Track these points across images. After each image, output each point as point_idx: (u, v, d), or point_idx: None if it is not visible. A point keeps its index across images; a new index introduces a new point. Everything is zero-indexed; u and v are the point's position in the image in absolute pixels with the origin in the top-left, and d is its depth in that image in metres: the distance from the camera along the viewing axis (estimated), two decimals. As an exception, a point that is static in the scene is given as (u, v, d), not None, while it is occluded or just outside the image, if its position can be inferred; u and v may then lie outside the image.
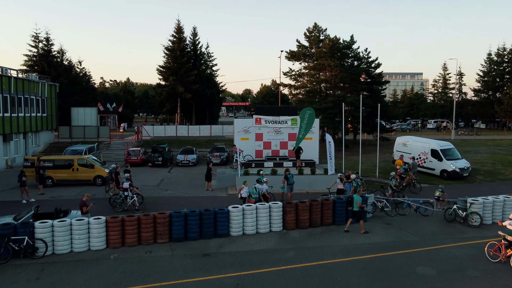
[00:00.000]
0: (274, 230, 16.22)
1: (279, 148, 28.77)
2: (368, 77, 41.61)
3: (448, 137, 51.23)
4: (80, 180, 25.55)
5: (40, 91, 38.49)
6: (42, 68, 60.01)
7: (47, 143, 40.38)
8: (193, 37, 63.06)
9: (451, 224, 17.16)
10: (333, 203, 17.07)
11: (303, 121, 25.30)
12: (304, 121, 25.21)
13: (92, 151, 35.29)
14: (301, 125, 25.42)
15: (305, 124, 25.17)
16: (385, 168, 31.25)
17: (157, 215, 14.81)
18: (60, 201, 21.54)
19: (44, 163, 24.93)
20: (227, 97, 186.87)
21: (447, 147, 28.13)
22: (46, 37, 61.22)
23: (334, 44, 38.63)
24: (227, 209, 15.70)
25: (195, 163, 35.02)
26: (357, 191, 18.93)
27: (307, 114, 25.09)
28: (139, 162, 34.51)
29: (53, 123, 41.54)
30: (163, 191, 24.25)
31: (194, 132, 47.04)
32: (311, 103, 39.74)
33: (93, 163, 25.74)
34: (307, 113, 25.14)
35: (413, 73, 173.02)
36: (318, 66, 38.94)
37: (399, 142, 31.05)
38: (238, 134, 28.02)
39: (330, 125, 38.75)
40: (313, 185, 23.76)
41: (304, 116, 25.18)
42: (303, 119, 25.32)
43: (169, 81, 58.38)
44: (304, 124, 25.23)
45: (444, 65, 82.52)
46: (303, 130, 25.38)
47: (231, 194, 23.01)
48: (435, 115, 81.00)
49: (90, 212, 16.07)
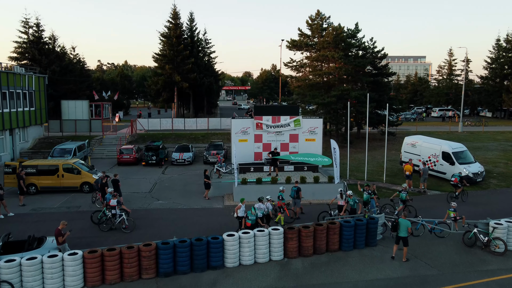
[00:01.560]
0: (274, 259, 14.51)
1: (279, 150, 26.81)
2: (374, 69, 39.41)
3: (454, 128, 49.32)
4: (66, 187, 23.78)
5: (27, 84, 36.38)
6: (33, 56, 57.71)
7: (36, 139, 38.48)
8: (190, 23, 60.42)
9: (471, 250, 15.44)
10: (340, 227, 15.33)
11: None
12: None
13: (82, 148, 33.53)
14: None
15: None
16: (392, 170, 29.46)
17: (142, 247, 13.07)
18: (41, 215, 19.83)
19: (26, 170, 23.13)
20: (226, 81, 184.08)
21: (459, 150, 26.24)
22: (36, 23, 58.55)
23: (338, 34, 36.30)
24: (221, 237, 13.97)
25: (191, 161, 33.22)
26: (357, 210, 17.29)
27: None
28: (132, 161, 32.74)
29: (43, 117, 39.55)
30: (155, 200, 22.49)
31: (191, 125, 45.07)
32: (314, 97, 37.73)
33: (80, 168, 23.90)
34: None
35: (416, 56, 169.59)
36: (321, 58, 36.72)
37: (407, 142, 29.13)
38: (235, 135, 26.11)
39: (333, 121, 36.77)
40: (317, 194, 22.01)
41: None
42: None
43: (165, 70, 56.05)
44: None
45: (450, 51, 79.92)
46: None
47: (227, 205, 21.27)
48: (439, 103, 78.75)
49: (70, 237, 14.37)
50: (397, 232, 14.47)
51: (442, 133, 46.41)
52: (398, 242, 14.54)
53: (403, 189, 19.28)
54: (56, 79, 58.49)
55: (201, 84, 57.88)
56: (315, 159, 23.55)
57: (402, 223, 14.29)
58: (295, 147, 26.94)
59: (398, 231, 14.37)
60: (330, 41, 36.26)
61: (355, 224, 15.40)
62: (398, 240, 14.50)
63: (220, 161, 23.99)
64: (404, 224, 14.27)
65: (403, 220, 14.36)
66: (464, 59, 74.05)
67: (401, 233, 14.30)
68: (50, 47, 61.13)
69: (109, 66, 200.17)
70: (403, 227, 14.26)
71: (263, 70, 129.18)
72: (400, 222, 14.34)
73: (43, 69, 57.15)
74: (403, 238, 14.30)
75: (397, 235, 14.48)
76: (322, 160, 23.09)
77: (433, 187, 24.83)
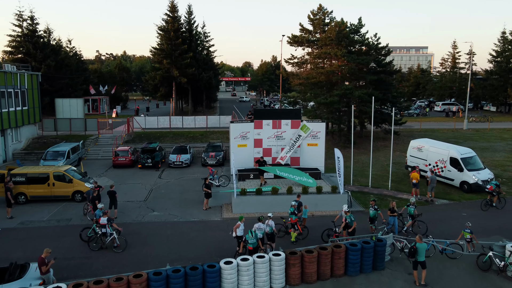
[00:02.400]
0: (275, 287, 13.49)
1: (281, 155, 25.79)
2: (377, 66, 38.06)
3: (459, 125, 48.08)
4: (57, 196, 22.72)
5: (19, 82, 35.10)
6: (27, 50, 56.36)
7: (29, 139, 37.34)
8: (188, 16, 58.85)
9: (486, 274, 14.41)
10: (345, 251, 14.29)
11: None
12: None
13: (76, 150, 32.45)
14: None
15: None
16: (397, 174, 28.36)
17: (132, 279, 12.03)
18: (29, 230, 18.79)
19: (15, 178, 22.08)
20: (226, 72, 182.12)
21: (468, 155, 25.09)
22: (31, 16, 57.01)
23: (341, 30, 34.90)
24: (218, 265, 12.92)
25: (188, 164, 32.12)
26: (352, 224, 16.23)
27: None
28: (128, 164, 31.64)
29: (36, 116, 38.34)
30: (150, 211, 21.42)
31: (189, 123, 43.89)
32: (315, 96, 36.49)
33: (71, 176, 22.81)
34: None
35: (418, 47, 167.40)
36: (323, 55, 35.36)
37: (413, 146, 27.97)
38: (234, 140, 24.94)
39: (335, 121, 35.56)
40: (319, 205, 20.94)
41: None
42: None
43: (163, 64, 54.65)
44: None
45: (454, 43, 78.22)
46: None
47: (226, 218, 20.22)
48: (443, 96, 77.31)
49: (58, 258, 13.34)
50: (415, 258, 13.50)
51: (447, 131, 45.30)
52: (417, 267, 13.59)
53: (411, 203, 18.19)
54: (52, 73, 57.17)
55: (200, 79, 56.55)
56: (300, 178, 21.95)
57: (420, 248, 13.42)
58: (296, 152, 25.80)
59: (417, 257, 13.41)
60: (333, 37, 34.88)
61: (361, 248, 14.36)
62: (416, 265, 13.56)
63: (212, 173, 22.68)
64: (423, 249, 13.45)
65: (420, 244, 13.45)
66: (469, 51, 72.67)
67: (420, 258, 13.42)
68: (45, 41, 59.72)
69: (107, 57, 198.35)
70: (422, 251, 13.42)
71: (263, 61, 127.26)
72: (418, 247, 13.41)
73: (38, 64, 55.96)
74: (421, 262, 13.45)
75: (415, 260, 13.51)
76: (307, 181, 21.71)
77: (441, 195, 23.76)
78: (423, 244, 13.53)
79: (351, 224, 16.24)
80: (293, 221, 17.09)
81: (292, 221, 17.11)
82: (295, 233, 17.18)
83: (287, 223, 17.76)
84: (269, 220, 15.83)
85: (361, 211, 21.07)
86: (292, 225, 17.18)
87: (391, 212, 17.55)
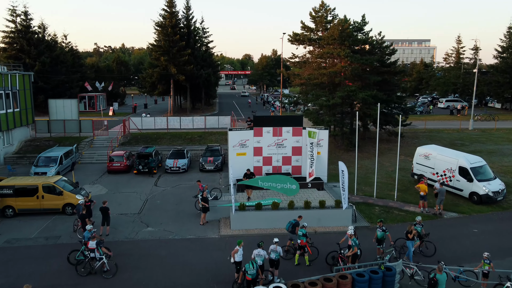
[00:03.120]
0: (276, 323, 12.46)
1: (281, 164, 24.69)
2: (382, 65, 36.73)
3: (465, 124, 46.73)
4: (46, 209, 21.64)
5: (10, 83, 33.86)
6: (21, 46, 54.97)
7: (22, 141, 36.17)
8: (186, 11, 57.32)
9: (503, 307, 13.37)
10: (351, 282, 13.22)
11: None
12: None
13: (70, 155, 31.34)
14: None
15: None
16: (403, 182, 27.21)
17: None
18: (15, 250, 17.73)
19: (2, 191, 21.02)
20: (226, 65, 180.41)
21: (478, 165, 23.93)
22: (24, 11, 55.56)
23: (344, 29, 33.53)
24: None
25: (186, 169, 31.00)
26: (353, 248, 15.13)
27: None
28: (123, 169, 30.50)
29: (29, 117, 37.13)
30: (144, 226, 20.32)
31: (187, 124, 42.66)
32: (317, 97, 35.24)
33: (62, 188, 21.68)
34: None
35: (420, 40, 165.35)
36: (325, 55, 34.02)
37: (420, 153, 26.81)
38: (233, 149, 23.80)
39: (338, 124, 34.35)
40: (323, 220, 19.85)
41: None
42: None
43: (160, 61, 53.27)
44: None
45: (458, 38, 76.55)
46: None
47: (223, 235, 19.12)
48: (446, 92, 75.90)
49: (43, 285, 12.34)
50: None
51: (452, 131, 44.12)
52: None
53: (418, 222, 17.07)
54: (47, 70, 55.89)
55: (199, 76, 55.21)
56: (282, 185, 20.49)
57: (441, 280, 12.55)
58: (298, 160, 24.70)
59: None
60: (336, 37, 33.52)
61: (369, 278, 13.29)
62: None
63: (202, 189, 21.26)
64: (443, 280, 12.60)
65: (441, 276, 12.51)
66: (474, 47, 71.18)
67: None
68: (39, 37, 58.30)
69: (106, 49, 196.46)
70: (442, 283, 12.56)
71: (263, 55, 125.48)
72: (439, 279, 12.50)
73: (32, 60, 54.70)
74: None
75: None
76: (290, 188, 20.26)
77: (450, 207, 22.65)
78: (443, 275, 12.52)
79: (353, 248, 15.15)
80: (303, 243, 15.95)
81: (302, 243, 15.97)
82: (306, 255, 16.08)
83: (295, 245, 16.63)
84: (276, 246, 14.67)
85: (366, 227, 20.00)
86: (301, 247, 16.05)
87: (409, 235, 16.36)
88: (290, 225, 17.15)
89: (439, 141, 39.43)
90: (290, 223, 17.19)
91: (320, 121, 34.81)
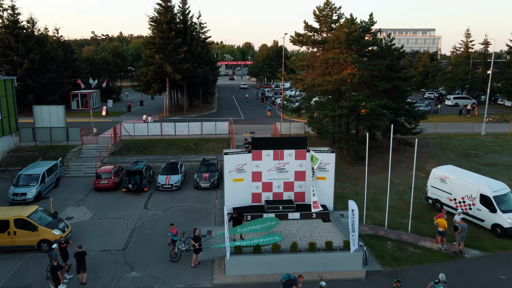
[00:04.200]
0: None
1: (282, 190, 22.25)
2: (391, 70, 33.99)
3: (477, 128, 44.04)
4: (20, 246, 19.32)
5: (-10, 90, 31.34)
6: (8, 43, 52.13)
7: (4, 152, 33.72)
8: (183, 6, 54.24)
9: None
10: None
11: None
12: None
13: (53, 171, 28.93)
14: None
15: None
16: (416, 206, 24.67)
17: None
18: (-24, 307, 15.49)
19: (-32, 228, 18.68)
20: (225, 55, 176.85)
21: (502, 192, 21.47)
22: (11, 5, 52.55)
23: (351, 32, 30.73)
24: None
25: (179, 186, 28.60)
26: None
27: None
28: (111, 187, 28.13)
29: (12, 125, 34.62)
30: (127, 270, 17.96)
31: (182, 130, 40.15)
32: (321, 106, 32.67)
33: (36, 223, 19.32)
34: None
35: (425, 29, 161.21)
36: (331, 61, 31.28)
37: (435, 175, 24.37)
38: (229, 174, 21.34)
39: (344, 136, 31.78)
40: (329, 264, 17.54)
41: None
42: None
43: (155, 60, 50.50)
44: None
45: (467, 31, 73.42)
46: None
47: (217, 284, 16.83)
48: (454, 88, 72.98)
49: None
50: None
51: (464, 137, 41.60)
52: None
53: (441, 280, 14.68)
54: (36, 68, 53.19)
55: (196, 74, 52.47)
56: (262, 225, 19.54)
57: None
58: (301, 186, 22.25)
59: None
60: (342, 40, 30.78)
61: None
62: None
63: (177, 235, 18.83)
64: None
65: None
66: (484, 41, 68.11)
67: None
68: (28, 32, 55.28)
69: (103, 38, 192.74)
70: None
71: (263, 46, 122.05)
72: None
73: (20, 58, 52.01)
74: None
75: None
76: (269, 225, 19.65)
77: (470, 241, 20.27)
78: None
79: None
80: None
81: None
82: None
83: None
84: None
85: (379, 272, 17.69)
86: None
87: None
88: (289, 279, 14.89)
89: (451, 150, 36.97)
90: (289, 277, 14.94)
91: (324, 132, 32.35)
